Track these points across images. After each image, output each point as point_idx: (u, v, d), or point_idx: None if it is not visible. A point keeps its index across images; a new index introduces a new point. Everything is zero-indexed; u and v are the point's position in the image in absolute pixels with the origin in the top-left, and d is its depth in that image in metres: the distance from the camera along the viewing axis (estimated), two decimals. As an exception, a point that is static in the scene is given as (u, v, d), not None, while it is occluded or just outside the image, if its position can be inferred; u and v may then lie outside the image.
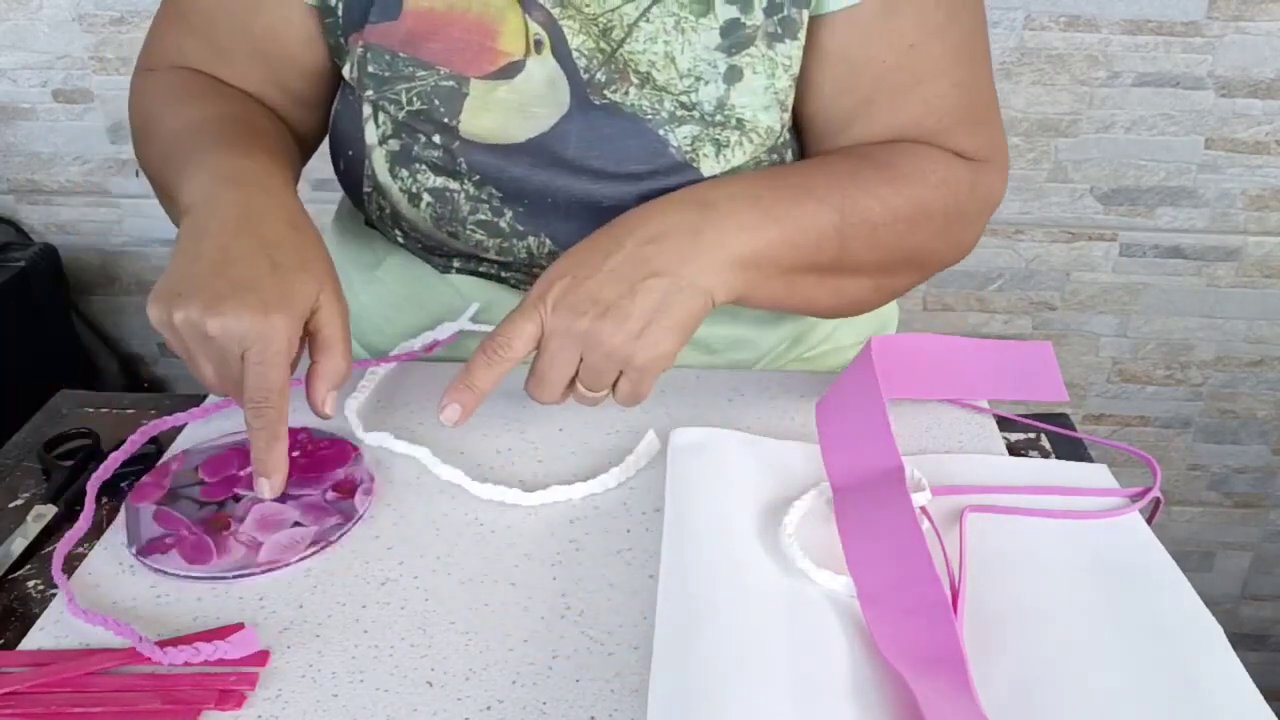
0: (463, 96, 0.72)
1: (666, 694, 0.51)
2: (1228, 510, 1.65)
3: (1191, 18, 1.34)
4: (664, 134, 0.72)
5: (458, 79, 0.72)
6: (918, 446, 0.71)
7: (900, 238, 0.73)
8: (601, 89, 0.71)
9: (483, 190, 0.75)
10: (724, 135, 0.72)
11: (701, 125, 0.72)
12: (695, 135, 0.72)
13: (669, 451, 0.69)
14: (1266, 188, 1.44)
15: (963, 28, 0.73)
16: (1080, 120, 1.40)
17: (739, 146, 0.73)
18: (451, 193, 0.75)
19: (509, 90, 0.72)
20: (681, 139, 0.72)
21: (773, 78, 0.71)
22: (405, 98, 0.73)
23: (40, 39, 1.42)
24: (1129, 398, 1.58)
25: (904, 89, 0.73)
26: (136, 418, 0.77)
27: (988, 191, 0.77)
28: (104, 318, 1.61)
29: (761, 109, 0.72)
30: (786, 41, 0.71)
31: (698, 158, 0.73)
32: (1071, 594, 0.58)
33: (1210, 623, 0.56)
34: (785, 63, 0.71)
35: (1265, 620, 1.71)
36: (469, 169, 0.74)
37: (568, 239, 0.74)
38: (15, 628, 0.58)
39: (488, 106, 0.72)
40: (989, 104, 0.77)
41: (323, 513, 0.64)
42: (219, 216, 0.64)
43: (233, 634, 0.55)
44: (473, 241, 0.77)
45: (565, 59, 0.71)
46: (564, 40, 0.70)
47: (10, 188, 1.52)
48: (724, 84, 0.71)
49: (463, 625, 0.57)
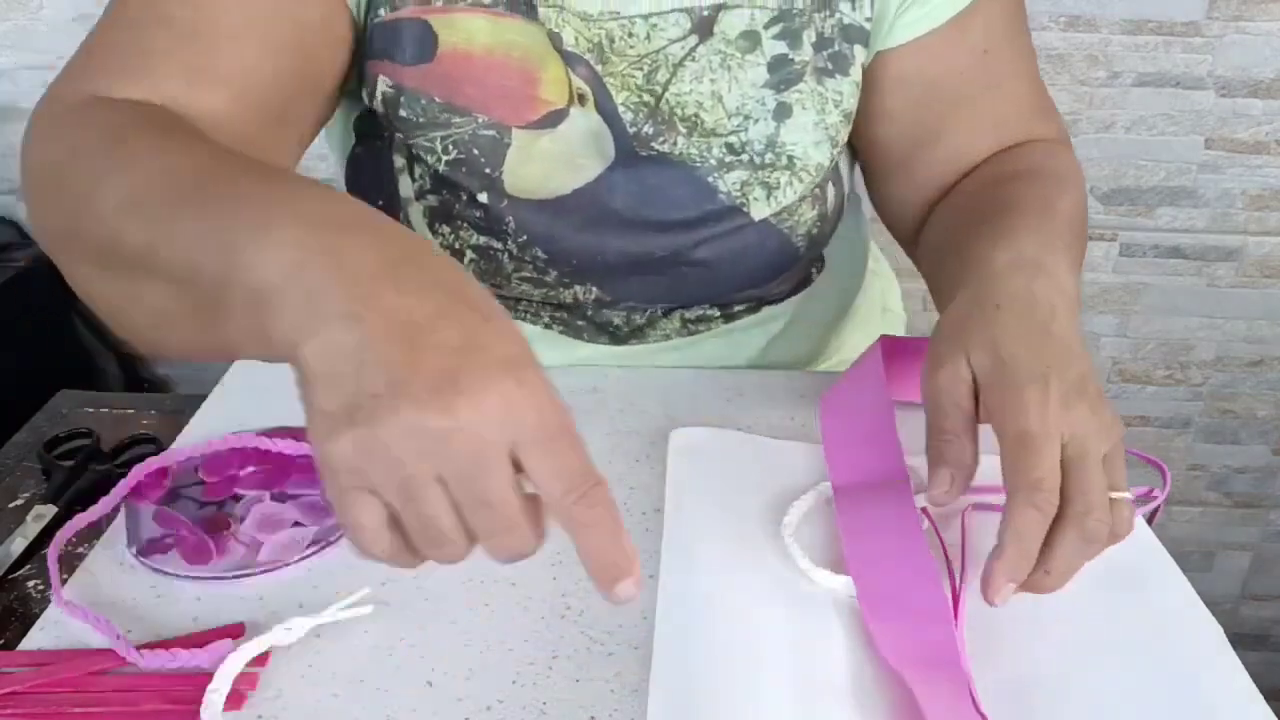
0: (505, 147, 0.68)
1: (666, 694, 0.51)
2: (1228, 510, 1.65)
3: (1191, 18, 1.34)
4: (713, 180, 0.71)
5: (498, 128, 0.68)
6: (918, 446, 0.71)
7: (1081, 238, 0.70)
8: (648, 142, 0.69)
9: (527, 252, 0.72)
10: (773, 177, 0.72)
11: (750, 169, 0.71)
12: (744, 180, 0.71)
13: (669, 452, 0.68)
14: (1266, 188, 1.44)
15: (1023, 27, 0.75)
16: (1080, 120, 1.40)
17: (789, 186, 0.72)
18: (495, 251, 0.72)
19: (553, 140, 0.69)
20: (731, 184, 0.71)
21: (823, 113, 0.71)
22: (442, 145, 0.68)
23: (40, 39, 1.42)
24: (1129, 398, 1.58)
25: (987, 90, 0.73)
26: (137, 418, 0.77)
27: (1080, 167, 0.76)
28: (104, 318, 1.61)
29: (812, 145, 0.72)
30: (837, 77, 0.71)
31: (748, 201, 0.72)
32: (1072, 594, 0.58)
33: (1210, 623, 0.56)
34: (835, 98, 0.71)
35: (1265, 620, 1.71)
36: (516, 229, 0.71)
37: (614, 290, 0.74)
38: (15, 628, 0.58)
39: (532, 157, 0.69)
40: (1047, 91, 0.78)
41: (323, 513, 0.64)
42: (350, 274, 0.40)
43: (212, 641, 0.54)
44: (518, 291, 0.76)
45: (611, 115, 0.68)
46: (609, 97, 0.68)
47: (10, 188, 1.51)
48: (774, 121, 0.70)
49: (463, 625, 0.57)
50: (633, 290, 0.76)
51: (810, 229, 0.76)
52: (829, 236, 0.80)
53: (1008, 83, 0.74)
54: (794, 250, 0.76)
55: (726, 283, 0.77)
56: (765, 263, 0.76)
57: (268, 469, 0.67)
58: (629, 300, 0.77)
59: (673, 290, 0.76)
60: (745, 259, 0.75)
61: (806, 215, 0.75)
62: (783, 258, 0.76)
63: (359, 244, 0.41)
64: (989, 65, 0.73)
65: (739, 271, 0.76)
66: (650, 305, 0.78)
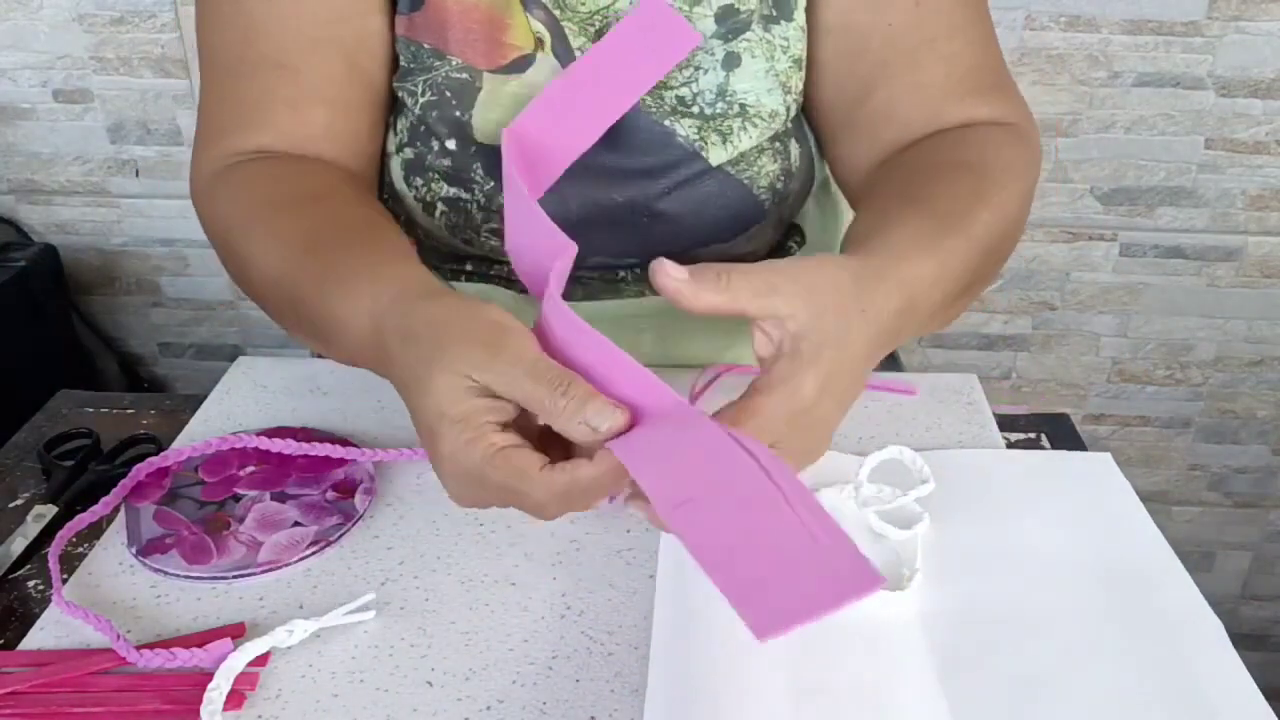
0: (476, 90, 0.72)
1: (665, 694, 0.51)
2: (1228, 510, 1.64)
3: (1191, 18, 1.34)
4: (669, 124, 0.72)
5: (470, 71, 0.72)
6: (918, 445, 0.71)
7: (1011, 243, 0.70)
8: None
9: (493, 201, 0.74)
10: (726, 125, 0.73)
11: (703, 120, 0.72)
12: (700, 125, 0.72)
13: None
14: (1266, 188, 1.44)
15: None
16: (1080, 120, 1.40)
17: (744, 133, 0.73)
18: (464, 203, 0.75)
19: (520, 85, 0.72)
20: (688, 129, 0.72)
21: (772, 60, 0.72)
22: (421, 88, 0.72)
23: (40, 39, 1.42)
24: (1129, 398, 1.58)
25: (919, 47, 0.71)
26: (137, 418, 0.77)
27: (1038, 156, 0.74)
28: (104, 318, 1.61)
29: (765, 91, 0.72)
30: (782, 23, 0.71)
31: (706, 146, 0.73)
32: (1073, 591, 0.58)
33: (1212, 621, 0.56)
34: (783, 44, 0.72)
35: (1265, 620, 1.71)
36: (483, 177, 0.74)
37: (583, 243, 0.73)
38: (15, 628, 0.58)
39: (499, 101, 0.72)
40: (1002, 66, 0.75)
41: (323, 513, 0.64)
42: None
43: (211, 641, 0.54)
44: (488, 247, 0.77)
45: (565, 57, 0.71)
46: (564, 39, 0.71)
47: (10, 188, 1.51)
48: (723, 70, 0.71)
49: (463, 625, 0.57)
50: (598, 244, 0.76)
51: (774, 183, 0.76)
52: (799, 198, 0.80)
53: (942, 41, 0.71)
54: (757, 203, 0.76)
55: (690, 236, 0.77)
56: (728, 214, 0.76)
57: (268, 469, 0.68)
58: (596, 256, 0.77)
59: (638, 245, 0.77)
60: (707, 210, 0.75)
61: (768, 167, 0.75)
62: (745, 209, 0.76)
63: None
64: (921, 19, 0.71)
65: (702, 224, 0.76)
66: (618, 262, 0.78)
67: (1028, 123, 0.75)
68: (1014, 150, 0.72)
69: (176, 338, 1.62)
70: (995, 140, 0.72)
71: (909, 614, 0.57)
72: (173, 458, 0.68)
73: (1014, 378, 1.57)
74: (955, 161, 0.70)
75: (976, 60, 0.73)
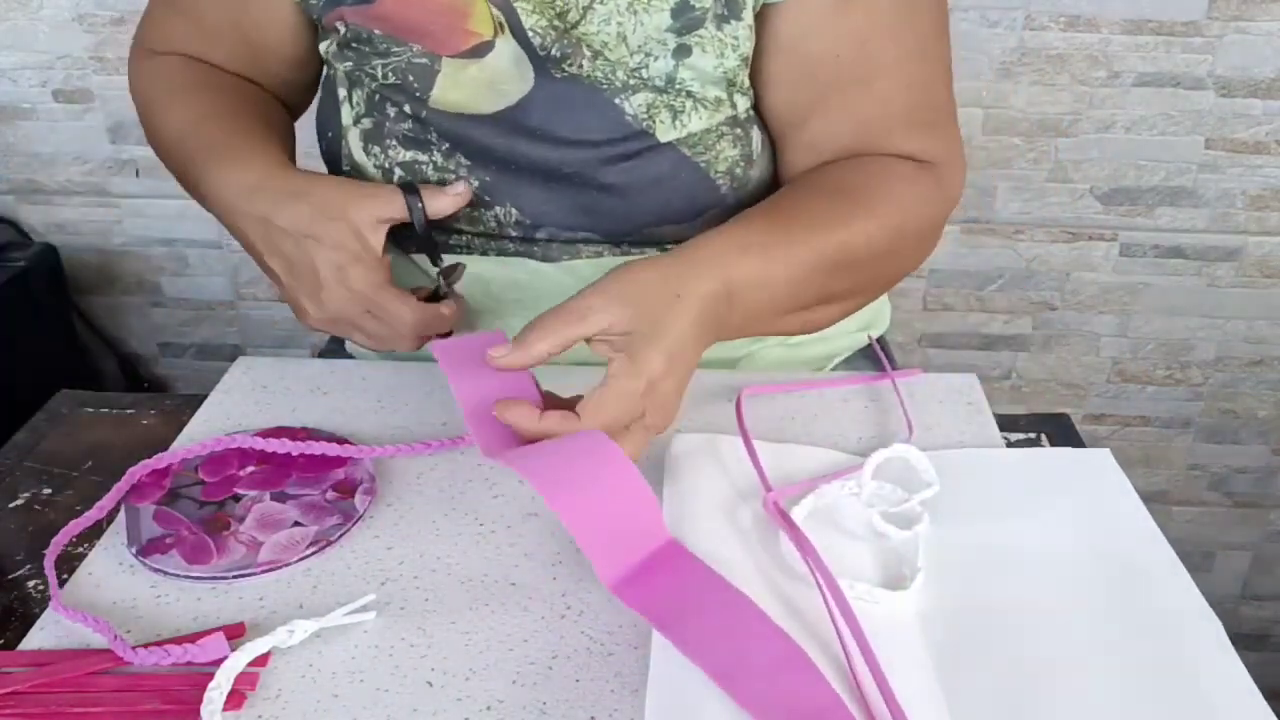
0: (435, 73, 0.74)
1: (665, 694, 0.51)
2: (1228, 510, 1.64)
3: (1191, 18, 1.34)
4: (619, 102, 0.74)
5: (430, 57, 0.74)
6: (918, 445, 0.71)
7: (880, 267, 0.75)
8: (560, 63, 0.73)
9: (450, 160, 0.77)
10: (678, 102, 0.74)
11: (654, 93, 0.74)
12: (650, 102, 0.74)
13: (667, 457, 0.68)
14: (1266, 188, 1.44)
15: (916, 30, 0.74)
16: (1080, 120, 1.40)
17: (694, 113, 0.74)
18: (421, 164, 0.77)
19: (479, 69, 0.74)
20: (637, 107, 0.74)
21: (722, 57, 0.73)
22: (381, 72, 0.75)
23: (40, 39, 1.42)
24: (1129, 398, 1.58)
25: (857, 84, 0.74)
26: (137, 418, 0.77)
27: (950, 196, 0.78)
28: (104, 318, 1.61)
29: (710, 83, 0.74)
30: (732, 22, 0.72)
31: (654, 124, 0.74)
32: (1072, 590, 0.58)
33: (1211, 620, 0.56)
34: (733, 43, 0.73)
35: (1265, 620, 1.71)
36: (439, 137, 0.76)
37: (533, 208, 0.77)
38: (15, 628, 0.58)
39: (459, 83, 0.74)
40: (944, 106, 0.78)
41: (323, 513, 0.64)
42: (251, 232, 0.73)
43: (204, 638, 0.54)
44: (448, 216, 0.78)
45: (522, 38, 0.73)
46: (519, 21, 0.72)
47: (10, 188, 1.51)
48: (673, 59, 0.73)
49: (463, 625, 0.57)
50: (548, 210, 0.78)
51: (733, 168, 0.77)
52: (764, 186, 0.80)
53: (881, 81, 0.74)
54: (713, 187, 0.77)
55: (642, 213, 0.78)
56: (681, 195, 0.77)
57: (268, 469, 0.68)
58: (548, 225, 0.78)
59: (588, 215, 0.78)
60: (658, 188, 0.76)
61: (727, 152, 0.76)
62: (700, 192, 0.77)
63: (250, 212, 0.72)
64: (865, 57, 0.73)
65: (652, 202, 0.77)
66: (572, 235, 0.79)
67: (952, 163, 0.78)
68: (909, 186, 0.75)
69: (176, 338, 1.62)
70: (893, 173, 0.75)
71: (909, 613, 0.57)
72: (173, 458, 0.68)
73: (1014, 378, 1.57)
74: (836, 184, 0.74)
75: (914, 99, 0.76)
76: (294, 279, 0.71)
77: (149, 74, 0.85)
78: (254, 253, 0.74)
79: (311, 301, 0.71)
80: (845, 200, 0.73)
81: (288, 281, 0.72)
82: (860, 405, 0.76)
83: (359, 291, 0.70)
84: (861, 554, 0.62)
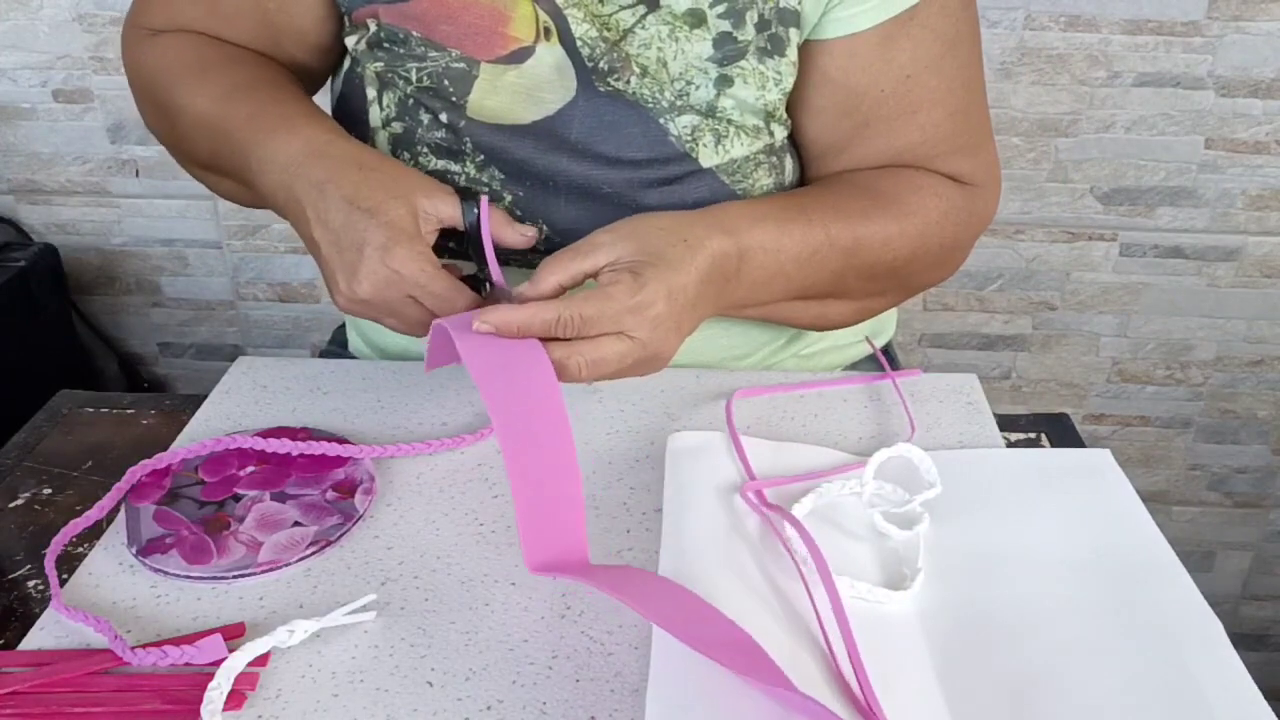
0: (472, 79, 0.73)
1: (665, 694, 0.51)
2: (1228, 510, 1.64)
3: (1191, 18, 1.34)
4: (664, 122, 0.74)
5: (468, 61, 0.73)
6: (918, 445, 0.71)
7: (897, 272, 0.76)
8: (605, 76, 0.73)
9: (484, 172, 0.76)
10: (721, 127, 0.74)
11: (700, 116, 0.74)
12: (695, 125, 0.74)
13: (667, 454, 0.69)
14: (1266, 188, 1.44)
15: (959, 59, 0.75)
16: (1080, 120, 1.40)
17: (736, 139, 0.75)
18: (453, 175, 0.76)
19: (518, 75, 0.73)
20: (681, 128, 0.74)
21: (763, 90, 0.74)
22: (416, 75, 0.74)
23: (40, 39, 1.42)
24: (1129, 398, 1.58)
25: (900, 116, 0.75)
26: (137, 418, 0.77)
27: (981, 216, 0.79)
28: (104, 318, 1.61)
29: (750, 113, 0.74)
30: (776, 58, 0.73)
31: (697, 147, 0.74)
32: (1072, 590, 0.58)
33: (1211, 620, 0.56)
34: (775, 77, 0.74)
35: (1265, 620, 1.71)
36: (474, 149, 0.75)
37: (566, 226, 0.75)
38: (15, 628, 0.58)
39: (496, 90, 0.73)
40: (983, 129, 0.79)
41: (323, 513, 0.64)
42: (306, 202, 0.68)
43: (202, 639, 0.54)
44: None
45: (571, 47, 0.72)
46: (569, 29, 0.72)
47: (10, 188, 1.51)
48: (714, 89, 0.73)
49: (463, 625, 0.57)
50: (581, 230, 0.76)
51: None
52: None
53: (924, 112, 0.75)
54: None
55: None
56: None
57: (268, 469, 0.68)
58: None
59: None
60: None
61: (762, 181, 0.76)
62: None
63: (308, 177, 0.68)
64: (909, 91, 0.74)
65: None
66: None
67: (988, 186, 0.79)
68: (940, 201, 0.76)
69: (176, 338, 1.62)
70: (926, 186, 0.76)
71: (909, 613, 0.57)
72: (173, 458, 0.68)
73: (1014, 378, 1.57)
74: (866, 184, 0.76)
75: (956, 126, 0.77)
76: (336, 251, 0.66)
77: (157, 51, 0.80)
78: (301, 222, 0.69)
79: (348, 278, 0.66)
80: (871, 200, 0.74)
81: (328, 254, 0.67)
82: (860, 405, 0.76)
83: (398, 272, 0.65)
84: (862, 554, 0.62)
